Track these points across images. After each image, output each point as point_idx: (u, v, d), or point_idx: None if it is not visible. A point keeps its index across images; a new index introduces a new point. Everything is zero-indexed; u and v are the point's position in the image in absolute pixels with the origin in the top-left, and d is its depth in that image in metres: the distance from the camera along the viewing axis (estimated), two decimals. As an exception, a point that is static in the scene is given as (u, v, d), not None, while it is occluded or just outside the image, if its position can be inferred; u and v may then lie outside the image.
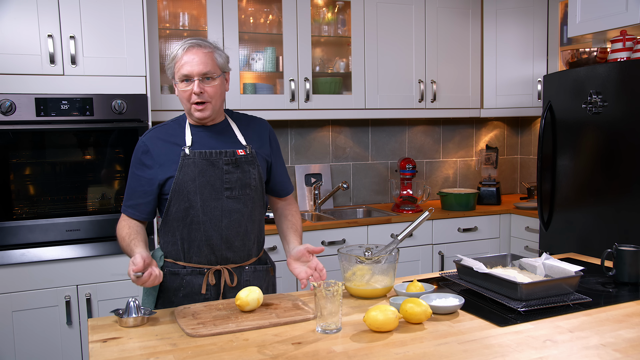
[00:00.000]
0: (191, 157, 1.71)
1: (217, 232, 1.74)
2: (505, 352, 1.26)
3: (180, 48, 1.69)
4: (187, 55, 1.68)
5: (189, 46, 1.69)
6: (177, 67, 1.70)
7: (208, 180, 1.72)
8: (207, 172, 1.72)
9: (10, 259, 2.49)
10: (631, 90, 2.58)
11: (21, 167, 2.55)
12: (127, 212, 1.77)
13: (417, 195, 3.60)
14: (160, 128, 1.81)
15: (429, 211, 1.83)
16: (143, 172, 1.75)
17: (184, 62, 1.68)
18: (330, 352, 1.28)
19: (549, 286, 1.59)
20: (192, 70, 1.67)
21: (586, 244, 2.83)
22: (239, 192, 1.76)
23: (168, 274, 1.77)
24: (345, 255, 1.74)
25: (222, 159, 1.73)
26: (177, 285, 1.76)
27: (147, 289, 1.79)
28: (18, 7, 2.47)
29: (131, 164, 1.79)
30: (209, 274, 1.76)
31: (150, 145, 1.76)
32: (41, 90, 2.52)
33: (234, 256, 1.78)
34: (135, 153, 1.78)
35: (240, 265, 1.80)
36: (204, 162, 1.72)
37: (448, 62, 3.65)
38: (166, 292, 1.77)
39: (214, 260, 1.77)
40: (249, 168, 1.77)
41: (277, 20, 3.32)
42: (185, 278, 1.76)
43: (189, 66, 1.67)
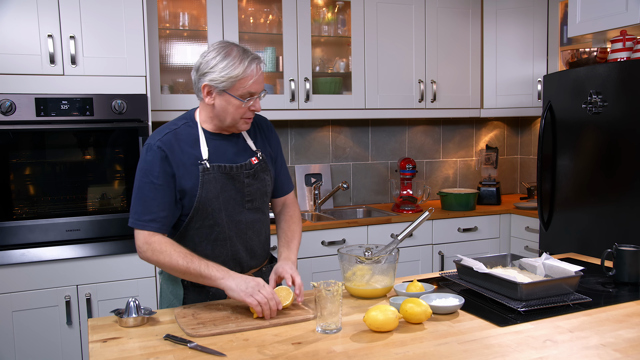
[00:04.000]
0: (211, 172, 1.63)
1: (243, 245, 1.73)
2: (505, 352, 1.26)
3: (247, 64, 1.58)
4: (255, 72, 1.60)
5: (256, 62, 1.60)
6: (242, 83, 1.58)
7: (231, 195, 1.67)
8: (229, 187, 1.67)
9: (10, 259, 2.49)
10: (631, 90, 2.58)
11: (21, 167, 2.55)
12: (152, 228, 1.59)
13: (417, 195, 3.60)
14: (173, 133, 1.65)
15: (429, 211, 1.83)
16: (166, 180, 1.60)
17: (253, 81, 1.60)
18: (330, 352, 1.28)
19: (549, 286, 1.59)
20: (259, 89, 1.62)
21: (586, 244, 2.83)
22: (259, 202, 1.74)
23: (190, 286, 1.70)
24: (345, 255, 1.74)
25: (242, 172, 1.68)
26: (203, 297, 1.70)
27: (169, 302, 1.74)
28: (18, 7, 2.47)
29: (142, 171, 1.62)
30: None
31: (167, 152, 1.61)
32: (41, 90, 2.52)
33: (256, 263, 1.79)
34: (152, 160, 1.60)
35: (258, 269, 1.81)
36: (224, 177, 1.66)
37: (448, 62, 3.65)
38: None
39: (238, 270, 1.70)
40: (264, 176, 1.75)
41: (277, 20, 3.32)
42: (212, 290, 1.69)
43: (257, 85, 1.61)
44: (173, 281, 1.73)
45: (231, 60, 1.57)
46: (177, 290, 1.72)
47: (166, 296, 1.76)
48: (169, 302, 1.74)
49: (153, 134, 1.67)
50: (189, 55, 3.19)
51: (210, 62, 1.59)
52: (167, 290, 1.76)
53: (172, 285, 1.74)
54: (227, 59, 1.57)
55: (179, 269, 1.56)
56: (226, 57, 1.58)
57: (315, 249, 3.08)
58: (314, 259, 3.09)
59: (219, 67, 1.57)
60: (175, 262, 1.55)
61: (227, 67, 1.57)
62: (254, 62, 1.60)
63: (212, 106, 1.63)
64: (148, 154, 1.61)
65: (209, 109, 1.65)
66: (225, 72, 1.57)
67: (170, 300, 1.73)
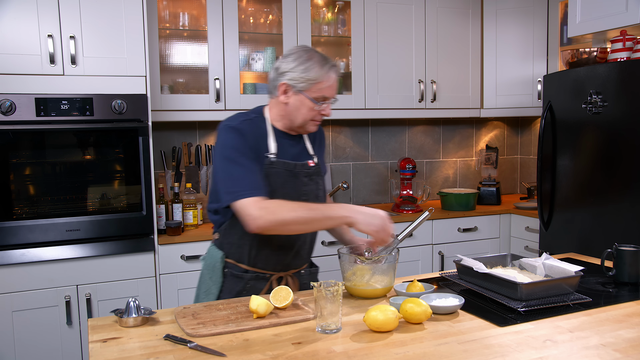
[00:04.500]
0: (276, 166, 1.69)
1: (290, 242, 1.76)
2: (505, 352, 1.26)
3: (326, 70, 1.67)
4: (332, 79, 1.69)
5: (334, 70, 1.69)
6: (318, 87, 1.66)
7: (288, 192, 1.71)
8: (289, 184, 1.71)
9: (10, 259, 2.49)
10: (631, 90, 2.58)
11: (21, 167, 2.55)
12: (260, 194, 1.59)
13: (417, 195, 3.60)
14: (249, 122, 1.70)
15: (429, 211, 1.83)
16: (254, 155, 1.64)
17: (329, 85, 1.68)
18: (330, 352, 1.28)
19: (549, 286, 1.59)
20: (332, 94, 1.71)
21: (586, 244, 2.83)
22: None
23: (230, 275, 1.76)
24: (345, 255, 1.74)
25: (302, 171, 1.74)
26: (240, 288, 1.76)
27: (207, 288, 1.77)
28: (18, 7, 2.47)
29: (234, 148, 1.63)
30: (272, 280, 1.78)
31: (243, 133, 1.66)
32: (41, 90, 2.52)
33: (297, 263, 1.83)
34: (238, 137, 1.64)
35: (298, 270, 1.85)
36: (287, 173, 1.71)
37: (448, 62, 3.65)
38: (228, 294, 1.76)
39: (279, 268, 1.78)
40: (318, 179, 1.81)
41: (277, 20, 3.32)
42: (250, 282, 1.75)
43: (332, 90, 1.70)
44: (213, 269, 1.78)
45: (312, 64, 1.66)
46: (216, 277, 1.76)
47: (205, 282, 1.80)
48: (206, 288, 1.78)
49: (230, 118, 1.70)
50: (189, 55, 3.19)
51: (291, 63, 1.66)
52: (206, 276, 1.80)
53: (212, 272, 1.78)
54: (308, 62, 1.66)
55: (302, 218, 1.57)
56: (307, 61, 1.66)
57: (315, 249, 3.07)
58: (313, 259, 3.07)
59: (300, 69, 1.65)
60: (299, 212, 1.57)
61: (307, 70, 1.65)
62: (333, 69, 1.69)
63: (285, 105, 1.70)
64: (232, 133, 1.64)
65: (281, 107, 1.71)
66: (304, 73, 1.65)
67: (208, 286, 1.77)
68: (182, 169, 3.26)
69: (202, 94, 3.09)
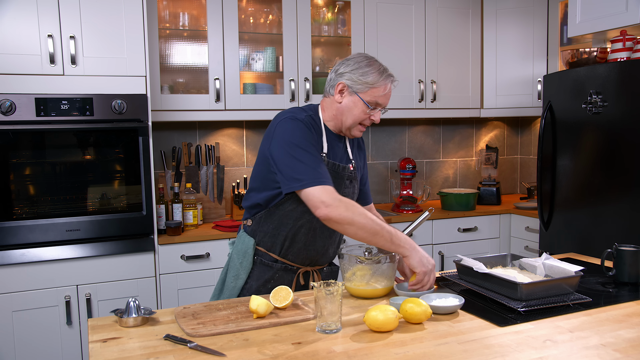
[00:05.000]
0: (326, 165, 1.72)
1: (322, 240, 1.81)
2: (505, 352, 1.26)
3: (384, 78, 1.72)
4: (388, 88, 1.74)
5: (391, 80, 1.74)
6: (373, 92, 1.71)
7: None
8: (334, 184, 1.71)
9: (10, 259, 2.49)
10: (631, 90, 2.58)
11: (21, 167, 2.55)
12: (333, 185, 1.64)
13: (417, 195, 3.60)
14: (311, 118, 1.74)
15: (429, 211, 1.84)
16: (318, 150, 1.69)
17: (385, 93, 1.73)
18: (330, 352, 1.28)
19: (549, 286, 1.59)
20: (385, 103, 1.75)
21: (586, 244, 2.83)
22: None
23: (259, 263, 1.80)
24: (346, 255, 1.74)
25: (345, 174, 1.79)
26: (268, 277, 1.80)
27: (237, 272, 1.80)
28: (18, 7, 2.47)
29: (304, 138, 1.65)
30: (299, 274, 1.83)
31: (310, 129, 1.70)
32: (41, 90, 2.52)
33: (323, 260, 1.88)
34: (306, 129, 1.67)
35: (322, 267, 1.90)
36: (333, 174, 1.75)
37: (448, 62, 3.65)
38: (256, 281, 1.80)
39: (307, 262, 1.84)
40: (355, 184, 1.86)
41: (277, 20, 3.32)
42: (278, 272, 1.81)
43: (386, 99, 1.75)
44: (245, 254, 1.80)
45: (371, 70, 1.71)
46: (247, 263, 1.79)
47: (234, 267, 1.82)
48: (236, 272, 1.80)
49: (292, 111, 1.74)
50: (189, 55, 3.19)
51: (351, 66, 1.72)
52: (236, 261, 1.82)
53: (244, 258, 1.80)
54: (368, 67, 1.71)
55: (371, 229, 1.59)
56: (368, 66, 1.71)
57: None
58: (314, 259, 3.08)
59: (359, 72, 1.71)
60: (370, 222, 1.59)
61: (366, 73, 1.70)
62: (390, 79, 1.74)
63: (339, 104, 1.74)
64: (300, 124, 1.67)
65: (335, 107, 1.76)
66: (363, 77, 1.70)
67: (237, 271, 1.80)
68: (182, 169, 3.26)
69: (202, 94, 3.09)
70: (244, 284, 1.80)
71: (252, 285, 1.80)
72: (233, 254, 1.85)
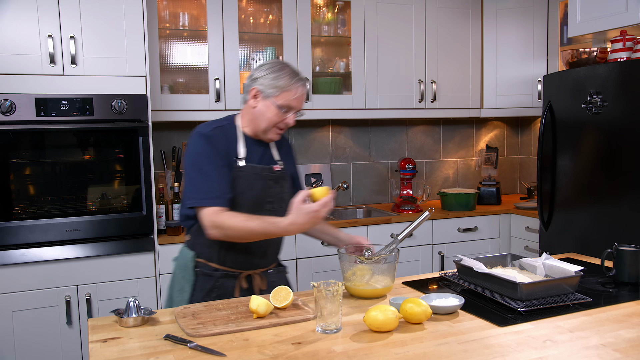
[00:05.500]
0: (244, 170, 1.79)
1: (257, 243, 1.81)
2: (505, 352, 1.26)
3: (295, 82, 1.78)
4: (299, 91, 1.80)
5: (302, 83, 1.81)
6: (285, 96, 1.77)
7: (254, 194, 1.81)
8: (255, 186, 1.81)
9: (10, 259, 2.49)
10: (631, 90, 2.58)
11: (21, 167, 2.55)
12: (218, 203, 1.70)
13: (417, 195, 3.60)
14: (221, 128, 1.82)
15: (429, 211, 1.83)
16: (220, 161, 1.74)
17: (296, 97, 1.79)
18: (330, 352, 1.28)
19: (549, 286, 1.59)
20: (297, 106, 1.81)
21: (586, 244, 2.83)
22: (276, 206, 1.85)
23: (201, 274, 1.83)
24: (345, 255, 1.74)
25: (267, 174, 1.84)
26: (210, 286, 1.82)
27: (181, 286, 1.84)
28: (18, 7, 2.47)
29: (199, 155, 1.75)
30: (241, 278, 1.84)
31: (214, 141, 1.77)
32: (41, 90, 2.52)
33: (264, 263, 1.91)
34: (202, 145, 1.75)
35: (266, 269, 1.91)
36: (253, 176, 1.81)
37: (448, 62, 3.65)
38: (200, 292, 1.82)
39: (246, 266, 1.86)
40: (283, 183, 1.89)
41: (277, 20, 3.32)
42: (219, 280, 1.83)
43: (297, 102, 1.80)
44: (185, 268, 1.85)
45: (283, 74, 1.78)
46: (188, 276, 1.83)
47: (178, 281, 1.87)
48: (180, 286, 1.85)
49: (202, 126, 1.83)
50: (189, 55, 3.19)
51: (263, 72, 1.79)
52: (179, 275, 1.87)
53: (185, 271, 1.85)
54: (279, 72, 1.78)
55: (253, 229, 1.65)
56: (279, 71, 1.78)
57: (315, 249, 3.08)
58: (314, 259, 3.09)
59: (270, 77, 1.77)
60: (243, 225, 1.65)
61: (277, 78, 1.77)
62: (301, 82, 1.80)
63: (254, 109, 1.81)
64: (203, 140, 1.76)
65: (250, 112, 1.82)
66: (274, 81, 1.77)
67: (181, 285, 1.84)
68: (182, 169, 3.26)
69: (202, 94, 3.09)
70: (190, 296, 1.82)
71: (197, 296, 1.82)
72: (175, 269, 1.90)
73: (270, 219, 1.65)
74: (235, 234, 1.68)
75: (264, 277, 1.89)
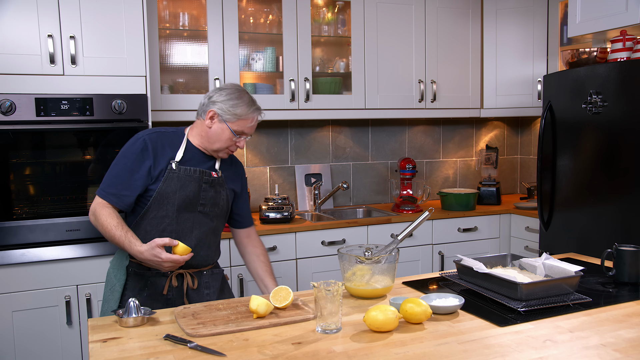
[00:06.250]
0: (176, 172, 1.86)
1: (187, 241, 1.87)
2: (505, 352, 1.26)
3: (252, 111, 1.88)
4: (254, 120, 1.90)
5: (258, 113, 1.91)
6: (242, 123, 1.87)
7: (187, 194, 1.87)
8: (188, 187, 1.87)
9: (10, 259, 2.49)
10: (631, 90, 2.58)
11: (21, 167, 2.55)
12: (111, 199, 1.83)
13: (417, 195, 3.60)
14: (163, 134, 1.91)
15: (429, 211, 1.83)
16: (138, 167, 1.83)
17: (251, 125, 1.90)
18: (330, 352, 1.28)
19: (549, 286, 1.59)
20: (250, 132, 1.92)
21: (586, 244, 2.83)
22: (209, 209, 1.93)
23: (133, 274, 1.89)
24: (345, 255, 1.74)
25: (202, 177, 1.90)
26: (142, 285, 1.89)
27: (113, 286, 1.90)
28: (18, 7, 2.47)
29: (122, 153, 1.86)
30: (172, 277, 1.89)
31: (150, 146, 1.85)
32: (41, 90, 2.52)
33: (196, 263, 1.93)
34: (133, 146, 1.85)
35: (200, 270, 1.96)
36: (186, 178, 1.87)
37: (448, 62, 3.65)
38: (131, 291, 1.88)
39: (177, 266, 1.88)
40: (220, 189, 1.96)
41: (277, 20, 3.32)
42: (150, 279, 1.89)
43: (252, 129, 1.91)
44: (119, 267, 1.91)
45: (241, 102, 1.87)
46: (120, 275, 1.89)
47: (110, 280, 1.93)
48: (111, 286, 1.90)
49: (146, 130, 1.93)
50: (189, 55, 3.19)
51: (223, 97, 1.87)
52: (111, 275, 1.93)
53: (118, 271, 1.91)
54: (238, 99, 1.86)
55: (113, 236, 1.77)
56: (238, 98, 1.87)
57: (315, 249, 3.08)
58: (314, 259, 3.09)
59: (230, 103, 1.86)
60: (113, 231, 1.77)
61: (236, 105, 1.86)
62: (257, 112, 1.91)
63: (209, 129, 1.89)
64: (132, 142, 1.87)
65: (204, 130, 1.90)
66: (232, 108, 1.85)
67: (112, 284, 1.90)
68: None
69: (202, 94, 3.09)
70: (120, 295, 1.87)
71: (129, 295, 1.87)
72: (109, 269, 1.96)
73: (130, 238, 1.75)
74: (101, 229, 1.80)
75: (195, 276, 1.93)
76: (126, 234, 1.76)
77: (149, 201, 1.85)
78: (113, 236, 1.77)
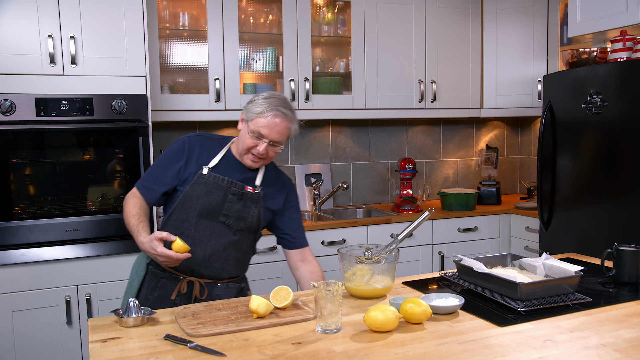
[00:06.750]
0: (205, 177, 1.84)
1: (202, 249, 1.86)
2: (505, 352, 1.26)
3: (270, 109, 1.77)
4: (270, 120, 1.77)
5: (276, 114, 1.78)
6: (257, 121, 1.79)
7: (210, 202, 1.84)
8: (213, 195, 1.84)
9: (10, 259, 2.49)
10: (631, 90, 2.58)
11: (21, 167, 2.55)
12: (142, 190, 1.89)
13: (417, 195, 3.60)
14: (206, 139, 1.92)
15: (429, 211, 1.83)
16: (171, 165, 1.87)
17: (267, 124, 1.77)
18: (330, 352, 1.28)
19: (549, 286, 1.59)
20: (269, 135, 1.79)
21: (586, 244, 2.83)
22: (233, 222, 1.87)
23: (150, 272, 1.92)
24: (345, 255, 1.74)
25: (231, 188, 1.85)
26: (154, 284, 1.90)
27: (132, 280, 1.94)
28: (18, 7, 2.47)
29: (165, 150, 1.92)
30: (182, 282, 1.87)
31: (187, 148, 1.88)
32: (41, 90, 2.52)
33: (209, 273, 1.89)
34: (174, 144, 1.90)
35: (214, 281, 1.91)
36: (213, 186, 1.84)
37: (448, 62, 3.65)
38: (146, 289, 1.91)
39: (188, 272, 1.88)
40: (251, 205, 1.89)
41: (277, 20, 3.32)
42: (162, 280, 1.90)
43: (267, 130, 1.78)
44: (140, 264, 1.96)
45: (264, 102, 1.80)
46: (140, 271, 1.94)
47: (131, 274, 1.97)
48: (131, 280, 1.95)
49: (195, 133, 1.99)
50: (189, 55, 3.19)
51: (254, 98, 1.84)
52: (134, 269, 1.97)
53: (139, 266, 1.96)
54: (262, 100, 1.81)
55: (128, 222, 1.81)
56: (263, 99, 1.81)
57: (315, 249, 3.08)
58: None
59: (254, 103, 1.82)
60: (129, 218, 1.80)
61: (257, 104, 1.80)
62: (274, 112, 1.78)
63: (239, 132, 1.88)
64: (176, 142, 1.91)
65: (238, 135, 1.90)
66: (253, 106, 1.81)
67: (132, 278, 1.95)
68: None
69: (202, 94, 3.09)
70: (137, 291, 1.91)
71: (144, 292, 1.90)
72: (134, 263, 2.00)
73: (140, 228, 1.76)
74: (124, 216, 1.84)
75: (206, 287, 1.88)
76: (138, 224, 1.77)
77: (175, 203, 1.86)
78: (128, 224, 1.80)
